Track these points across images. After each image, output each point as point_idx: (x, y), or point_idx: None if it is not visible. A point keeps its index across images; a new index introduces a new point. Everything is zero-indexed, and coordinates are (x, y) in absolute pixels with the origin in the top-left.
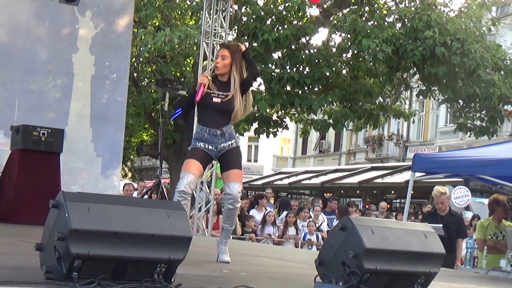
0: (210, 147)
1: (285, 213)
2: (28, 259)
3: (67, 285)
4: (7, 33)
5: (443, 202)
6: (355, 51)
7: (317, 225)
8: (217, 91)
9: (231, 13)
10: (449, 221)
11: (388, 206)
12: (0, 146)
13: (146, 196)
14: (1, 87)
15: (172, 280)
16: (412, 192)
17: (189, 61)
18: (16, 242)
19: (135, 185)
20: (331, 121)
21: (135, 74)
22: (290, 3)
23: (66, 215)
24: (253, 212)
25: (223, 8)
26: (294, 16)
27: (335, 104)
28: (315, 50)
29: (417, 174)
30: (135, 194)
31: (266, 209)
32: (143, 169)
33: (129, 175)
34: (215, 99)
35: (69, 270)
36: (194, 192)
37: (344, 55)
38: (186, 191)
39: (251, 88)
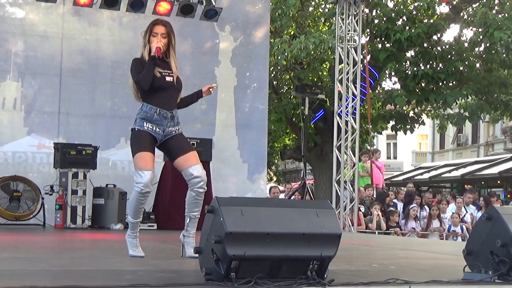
0: (157, 129)
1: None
2: (189, 263)
3: (226, 285)
4: None
5: None
6: (487, 44)
7: (460, 216)
8: (167, 70)
9: (363, 17)
10: None
11: None
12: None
13: (293, 197)
14: None
15: (325, 276)
16: None
17: (325, 65)
18: (176, 247)
19: (281, 187)
20: (466, 114)
21: (274, 82)
22: (420, 3)
23: (221, 219)
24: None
25: (355, 13)
26: (424, 14)
27: (470, 97)
28: (447, 46)
29: None
30: (281, 196)
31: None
32: (287, 172)
33: (274, 178)
34: (168, 78)
35: (227, 271)
36: (338, 190)
37: (476, 48)
38: (149, 191)
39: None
